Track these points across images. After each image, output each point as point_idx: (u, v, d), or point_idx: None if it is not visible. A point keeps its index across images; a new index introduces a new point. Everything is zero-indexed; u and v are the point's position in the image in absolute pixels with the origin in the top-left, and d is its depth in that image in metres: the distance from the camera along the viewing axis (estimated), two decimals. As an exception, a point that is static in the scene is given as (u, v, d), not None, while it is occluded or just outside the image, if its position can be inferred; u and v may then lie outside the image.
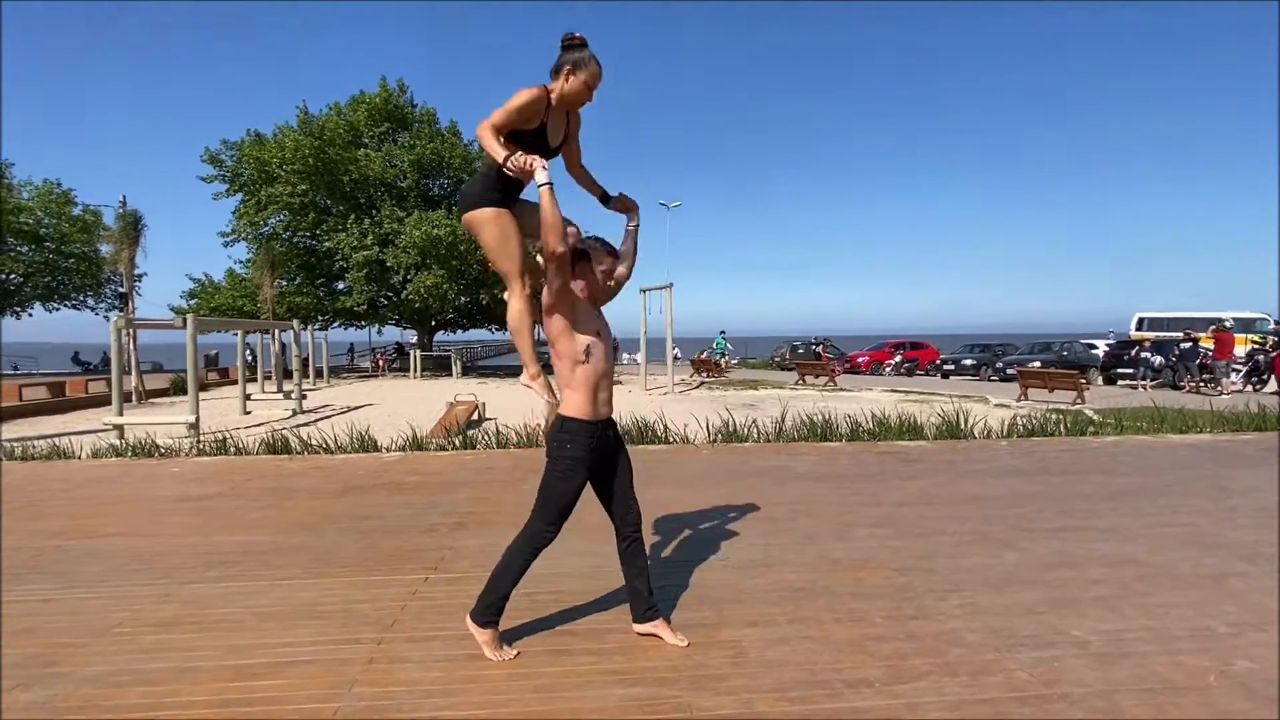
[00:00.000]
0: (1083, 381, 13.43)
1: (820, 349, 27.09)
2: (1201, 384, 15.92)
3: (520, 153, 2.39)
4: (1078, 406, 12.27)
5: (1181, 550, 3.74)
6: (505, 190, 2.66)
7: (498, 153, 2.41)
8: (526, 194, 2.77)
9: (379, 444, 7.38)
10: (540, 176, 2.36)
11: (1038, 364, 18.76)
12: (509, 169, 2.36)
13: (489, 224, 2.65)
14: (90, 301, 28.41)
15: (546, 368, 2.68)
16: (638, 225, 2.87)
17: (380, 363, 29.55)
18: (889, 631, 2.73)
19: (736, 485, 5.41)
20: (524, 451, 7.13)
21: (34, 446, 7.27)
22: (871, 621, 2.82)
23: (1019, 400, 13.68)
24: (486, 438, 7.66)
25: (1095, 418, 9.42)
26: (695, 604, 3.02)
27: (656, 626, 2.64)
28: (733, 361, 28.64)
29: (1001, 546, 3.83)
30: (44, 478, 6.09)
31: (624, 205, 2.87)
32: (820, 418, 7.96)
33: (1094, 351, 21.71)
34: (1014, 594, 3.12)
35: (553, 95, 2.60)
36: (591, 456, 2.50)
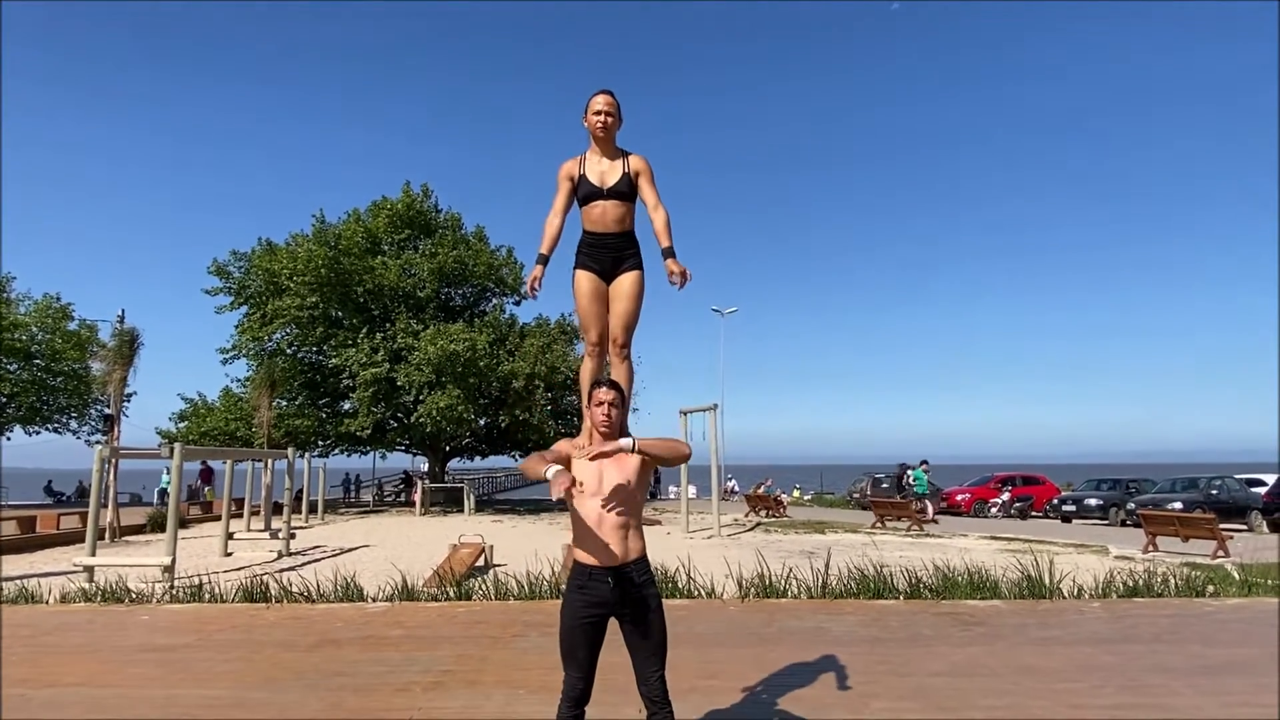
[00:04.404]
0: (1227, 528, 13.04)
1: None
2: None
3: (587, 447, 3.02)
4: (1219, 560, 11.91)
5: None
6: (589, 253, 3.65)
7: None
8: None
9: (365, 593, 7.93)
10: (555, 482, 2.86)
11: (1178, 505, 18.17)
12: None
13: (574, 284, 3.66)
14: (73, 424, 30.77)
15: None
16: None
17: (416, 497, 27.90)
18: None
19: (755, 650, 5.68)
20: (524, 604, 7.55)
21: (1, 589, 8.11)
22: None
23: (1146, 551, 13.31)
24: (484, 587, 8.12)
25: (1235, 575, 9.21)
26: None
27: None
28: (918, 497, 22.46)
29: (1036, 725, 4.03)
30: (9, 623, 6.83)
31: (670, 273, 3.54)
32: (875, 569, 8.15)
33: (1257, 490, 20.87)
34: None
35: (588, 150, 3.69)
36: (583, 601, 2.89)
